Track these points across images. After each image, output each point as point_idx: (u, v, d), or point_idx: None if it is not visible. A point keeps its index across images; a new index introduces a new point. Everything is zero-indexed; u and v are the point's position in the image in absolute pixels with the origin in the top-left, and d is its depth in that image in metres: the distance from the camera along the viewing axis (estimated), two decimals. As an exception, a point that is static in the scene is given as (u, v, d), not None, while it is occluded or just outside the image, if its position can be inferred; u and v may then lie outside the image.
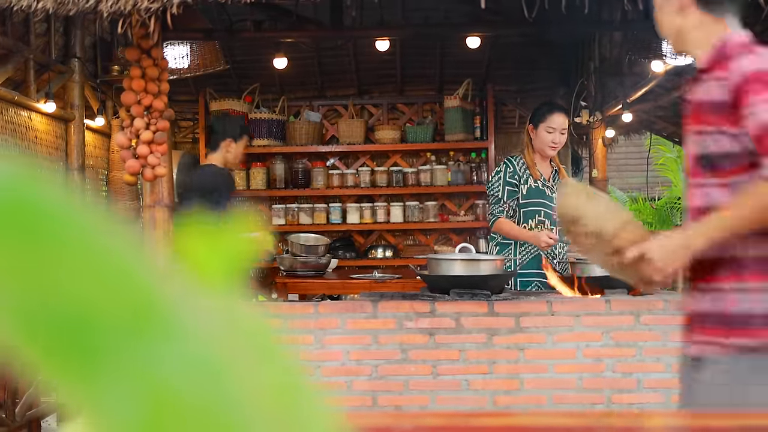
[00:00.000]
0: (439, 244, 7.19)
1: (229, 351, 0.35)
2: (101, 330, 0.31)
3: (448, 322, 3.73)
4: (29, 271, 0.30)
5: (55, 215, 0.31)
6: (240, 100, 6.89)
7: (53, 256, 0.31)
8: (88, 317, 0.31)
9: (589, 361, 3.72)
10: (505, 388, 3.72)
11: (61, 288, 0.30)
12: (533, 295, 3.97)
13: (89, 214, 0.32)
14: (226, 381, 0.33)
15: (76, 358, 0.30)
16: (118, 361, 0.31)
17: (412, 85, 7.40)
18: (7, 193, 0.31)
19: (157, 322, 0.32)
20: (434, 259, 3.98)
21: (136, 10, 3.15)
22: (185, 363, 0.32)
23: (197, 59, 5.50)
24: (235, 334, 0.36)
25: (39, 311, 0.30)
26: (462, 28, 5.03)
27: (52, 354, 0.30)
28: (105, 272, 0.32)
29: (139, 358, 0.31)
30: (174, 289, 0.35)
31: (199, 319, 0.34)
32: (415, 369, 3.73)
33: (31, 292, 0.30)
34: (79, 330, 0.30)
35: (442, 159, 7.11)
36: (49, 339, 0.30)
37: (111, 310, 0.31)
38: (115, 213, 0.40)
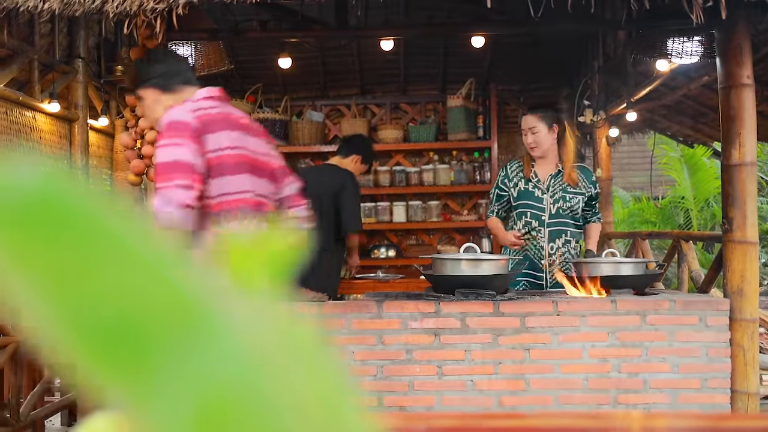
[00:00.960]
0: (442, 243, 7.19)
1: (274, 352, 0.34)
2: (151, 331, 0.30)
3: (453, 323, 3.72)
4: (76, 273, 0.30)
5: (97, 217, 0.31)
6: (243, 100, 6.89)
7: (98, 257, 0.30)
8: (137, 318, 0.30)
9: (595, 361, 3.71)
10: (511, 389, 3.71)
11: (110, 290, 0.30)
12: (538, 295, 3.97)
13: (129, 215, 0.32)
14: (273, 382, 0.33)
15: (125, 360, 0.30)
16: (169, 362, 0.30)
17: (415, 84, 7.39)
18: (49, 195, 0.30)
19: (205, 323, 0.32)
20: (439, 259, 3.97)
21: (141, 11, 3.14)
22: (234, 364, 0.32)
23: (201, 59, 5.50)
24: (278, 335, 0.36)
25: (89, 313, 0.30)
26: (466, 28, 5.03)
27: (102, 356, 0.30)
28: (151, 274, 0.31)
29: (189, 359, 0.31)
30: (218, 289, 0.35)
31: (244, 319, 0.34)
32: (420, 369, 3.73)
33: (81, 294, 0.30)
34: (129, 331, 0.30)
35: (445, 158, 7.11)
36: (99, 341, 0.30)
37: (159, 311, 0.31)
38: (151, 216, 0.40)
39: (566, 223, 4.33)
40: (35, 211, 0.30)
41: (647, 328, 3.72)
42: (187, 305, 0.32)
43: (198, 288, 0.33)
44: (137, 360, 0.30)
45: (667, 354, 3.71)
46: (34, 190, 0.30)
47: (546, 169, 4.39)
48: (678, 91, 5.91)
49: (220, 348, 0.31)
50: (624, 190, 12.14)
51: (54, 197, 0.30)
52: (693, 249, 4.96)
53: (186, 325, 0.31)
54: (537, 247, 4.34)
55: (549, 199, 4.33)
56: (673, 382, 3.70)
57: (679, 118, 7.18)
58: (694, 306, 3.75)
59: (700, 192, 10.57)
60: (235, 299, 0.35)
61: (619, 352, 3.71)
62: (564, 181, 4.34)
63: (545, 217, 4.32)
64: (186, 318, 0.32)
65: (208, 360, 0.31)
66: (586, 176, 4.39)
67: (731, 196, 3.87)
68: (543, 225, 4.33)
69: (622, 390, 3.71)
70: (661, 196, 11.38)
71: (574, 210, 4.33)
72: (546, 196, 4.33)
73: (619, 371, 3.71)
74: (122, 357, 0.30)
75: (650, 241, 6.26)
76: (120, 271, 0.31)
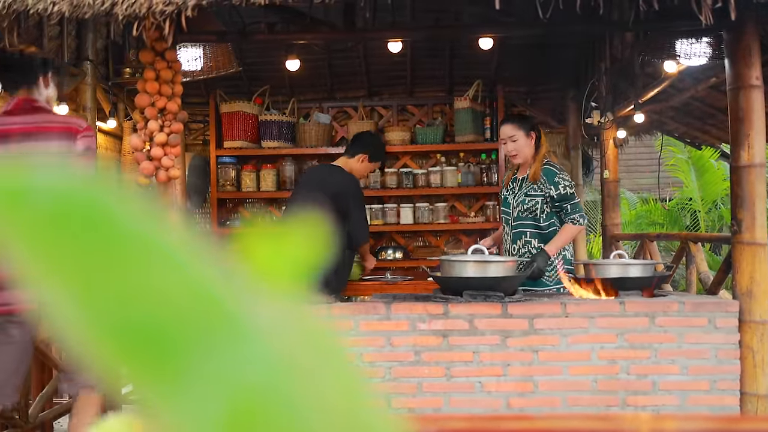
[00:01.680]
0: (450, 245, 7.18)
1: (300, 353, 0.35)
2: (179, 332, 0.31)
3: (462, 324, 3.72)
4: (104, 273, 0.30)
5: (125, 217, 0.31)
6: (250, 102, 6.90)
7: (126, 257, 0.30)
8: (165, 319, 0.30)
9: (604, 363, 3.71)
10: (519, 391, 3.71)
11: (138, 290, 0.30)
12: (547, 297, 3.97)
13: (155, 215, 0.32)
14: (299, 384, 0.33)
15: (153, 361, 0.30)
16: (197, 363, 0.30)
17: (422, 86, 7.39)
18: (78, 196, 0.31)
19: (233, 324, 0.32)
20: (447, 261, 3.97)
21: (150, 13, 3.15)
22: (262, 366, 0.32)
23: (210, 61, 5.51)
24: (303, 336, 0.36)
25: (117, 313, 0.30)
26: (474, 29, 5.03)
27: (130, 356, 0.30)
28: (179, 274, 0.31)
29: (216, 361, 0.31)
30: (244, 289, 0.35)
31: (270, 320, 0.34)
32: (428, 371, 3.73)
33: (109, 294, 0.30)
34: (157, 332, 0.30)
35: (452, 160, 7.10)
36: (127, 341, 0.30)
37: (187, 312, 0.31)
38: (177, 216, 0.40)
39: (526, 224, 4.44)
40: (64, 212, 0.30)
41: (656, 329, 3.71)
42: (214, 305, 0.32)
43: (224, 288, 0.33)
44: (165, 361, 0.30)
45: (676, 356, 3.71)
46: (63, 191, 0.31)
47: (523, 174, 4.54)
48: (686, 93, 5.90)
49: (247, 349, 0.32)
50: (631, 191, 12.12)
51: (82, 197, 0.31)
52: (701, 251, 4.95)
53: (213, 326, 0.32)
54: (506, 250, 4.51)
55: (513, 203, 4.50)
56: (682, 384, 3.70)
57: (686, 120, 7.16)
58: (704, 308, 3.74)
59: (707, 194, 10.55)
60: (261, 299, 0.35)
61: (627, 353, 3.71)
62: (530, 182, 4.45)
63: (511, 220, 4.50)
64: (213, 318, 0.32)
65: (236, 361, 0.31)
66: (548, 177, 4.37)
67: (740, 198, 3.86)
68: (510, 228, 4.51)
69: (631, 392, 3.70)
70: (668, 197, 11.36)
71: (531, 212, 4.42)
72: (511, 199, 4.53)
73: (628, 373, 3.71)
74: (150, 358, 0.30)
75: (657, 243, 6.25)
76: (148, 272, 0.31)
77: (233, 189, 6.96)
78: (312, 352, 0.36)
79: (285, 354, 0.34)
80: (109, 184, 0.32)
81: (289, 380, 0.33)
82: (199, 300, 0.32)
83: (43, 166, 0.32)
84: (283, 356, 0.34)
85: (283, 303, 0.37)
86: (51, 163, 0.32)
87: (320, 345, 0.37)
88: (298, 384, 0.34)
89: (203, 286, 0.33)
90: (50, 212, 0.30)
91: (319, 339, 0.37)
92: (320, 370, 0.36)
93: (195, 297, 0.32)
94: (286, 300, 0.37)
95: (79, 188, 0.31)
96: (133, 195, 0.32)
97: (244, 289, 0.35)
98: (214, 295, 0.33)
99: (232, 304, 0.33)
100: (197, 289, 0.32)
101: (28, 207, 0.31)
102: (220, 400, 0.31)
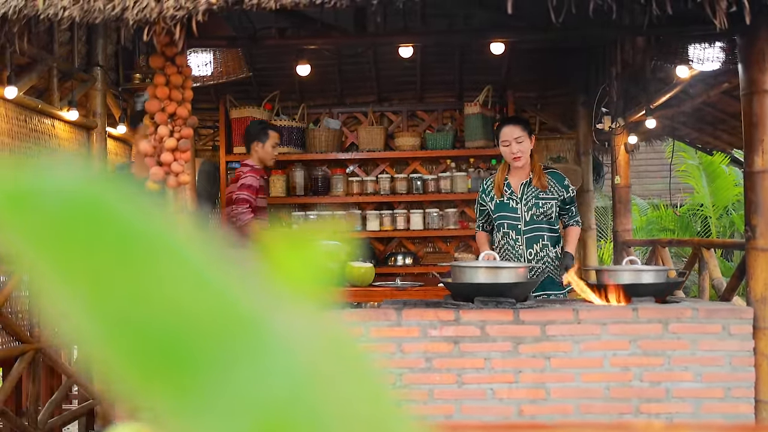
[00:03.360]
0: (459, 251, 7.16)
1: (326, 364, 0.33)
2: (200, 342, 0.28)
3: (473, 331, 3.69)
4: (119, 280, 0.28)
5: (141, 221, 0.29)
6: (260, 107, 6.90)
7: (143, 263, 0.28)
8: (185, 328, 0.28)
9: (617, 370, 3.67)
10: (531, 397, 3.68)
11: (155, 298, 0.28)
12: (559, 303, 3.94)
13: (174, 220, 0.30)
14: (326, 397, 0.31)
15: (172, 373, 0.28)
16: (219, 375, 0.28)
17: (432, 92, 7.37)
18: (92, 198, 0.28)
19: (256, 334, 0.30)
20: (458, 267, 3.95)
21: (161, 18, 3.14)
22: (288, 378, 0.30)
23: (220, 67, 5.50)
24: (327, 345, 0.34)
25: (133, 322, 0.28)
26: (486, 34, 5.01)
27: (148, 368, 0.28)
28: (199, 281, 0.29)
29: (240, 373, 0.29)
30: (267, 297, 0.33)
31: (295, 329, 0.33)
32: (439, 378, 3.70)
33: (124, 302, 0.28)
34: (176, 342, 0.28)
35: (462, 166, 7.09)
36: (143, 352, 0.28)
37: (208, 320, 0.29)
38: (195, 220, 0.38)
39: (541, 228, 4.42)
40: (76, 215, 0.28)
41: (669, 336, 3.68)
42: (235, 313, 0.30)
43: (245, 295, 0.31)
44: (182, 373, 0.28)
45: (690, 363, 3.67)
46: (75, 193, 0.28)
47: (519, 179, 4.52)
48: (697, 98, 5.86)
49: (272, 360, 0.29)
50: (641, 198, 12.08)
51: (96, 200, 0.29)
52: (714, 257, 4.92)
53: (235, 335, 0.29)
54: (516, 256, 4.42)
55: (523, 208, 4.43)
56: (696, 391, 3.66)
57: (698, 126, 7.13)
58: (717, 314, 3.71)
59: (718, 199, 10.49)
60: (284, 307, 0.34)
61: (640, 360, 3.67)
62: (535, 187, 4.43)
63: (521, 225, 4.43)
64: (235, 327, 0.30)
65: (260, 374, 0.29)
66: (558, 180, 4.44)
67: (754, 204, 3.82)
68: (520, 234, 4.43)
69: (644, 399, 3.67)
70: (679, 203, 11.31)
71: (547, 215, 4.41)
72: (520, 205, 4.44)
73: (641, 380, 3.67)
74: (166, 369, 0.28)
75: (668, 249, 6.21)
76: (166, 278, 0.29)
77: (243, 195, 6.95)
78: (337, 361, 0.34)
79: (310, 365, 0.32)
80: (121, 185, 0.30)
81: (315, 394, 0.31)
82: (219, 307, 0.30)
83: (50, 167, 0.30)
84: (308, 368, 0.32)
85: (306, 310, 0.35)
86: (58, 164, 0.30)
87: (345, 354, 0.35)
88: (324, 397, 0.32)
89: (223, 293, 0.30)
90: (58, 214, 0.28)
91: (343, 348, 0.36)
92: (346, 381, 0.34)
93: (215, 304, 0.30)
94: (309, 307, 0.35)
95: (89, 188, 0.29)
96: (146, 196, 0.30)
97: (265, 295, 0.33)
98: (235, 303, 0.31)
99: (254, 311, 0.31)
100: (217, 296, 0.30)
101: (35, 209, 0.28)
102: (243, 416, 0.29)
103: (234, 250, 0.35)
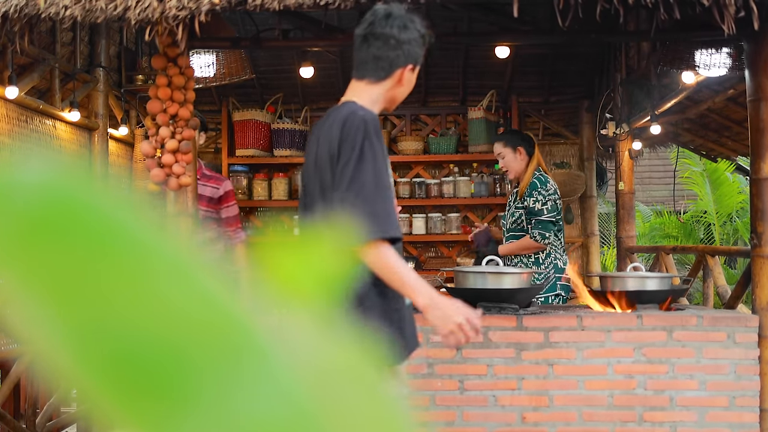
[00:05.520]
0: (462, 256, 7.12)
1: (328, 382, 0.29)
2: (186, 359, 0.25)
3: (476, 337, 3.65)
4: (92, 287, 0.24)
5: (119, 222, 0.25)
6: (263, 110, 6.87)
7: (119, 268, 0.25)
8: (168, 342, 0.25)
9: (620, 377, 3.64)
10: (534, 405, 3.64)
11: (135, 308, 0.25)
12: (562, 310, 3.90)
13: (158, 221, 0.27)
14: (328, 419, 0.28)
15: (152, 396, 0.24)
16: (208, 397, 0.25)
17: (436, 96, 7.34)
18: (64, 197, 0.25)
19: (250, 350, 0.27)
20: (461, 272, 3.91)
21: (163, 18, 3.11)
22: (288, 402, 0.27)
23: (222, 68, 5.48)
24: (330, 361, 0.31)
25: (108, 336, 0.24)
26: (491, 37, 4.98)
27: (125, 390, 0.24)
28: (186, 289, 0.26)
29: (233, 394, 0.25)
30: (264, 308, 0.29)
31: (295, 344, 0.29)
32: (441, 384, 3.67)
33: (99, 313, 0.24)
34: (158, 359, 0.25)
35: (466, 170, 7.06)
36: (120, 370, 0.24)
37: (196, 333, 0.25)
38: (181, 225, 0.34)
39: (516, 236, 4.53)
40: (44, 215, 0.24)
41: (674, 344, 3.64)
42: (227, 327, 0.26)
43: (240, 306, 0.28)
44: (165, 397, 0.24)
45: (695, 371, 3.63)
46: (44, 192, 0.25)
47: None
48: (702, 105, 5.83)
49: (271, 381, 0.26)
50: (644, 204, 12.03)
51: (69, 199, 0.25)
52: (719, 264, 4.88)
53: (226, 353, 0.26)
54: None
55: (509, 218, 4.61)
56: (700, 399, 3.62)
57: (702, 132, 7.09)
58: (722, 322, 3.67)
59: (722, 206, 10.45)
60: (284, 319, 0.30)
61: (645, 368, 3.64)
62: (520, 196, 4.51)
63: (505, 233, 4.63)
64: (226, 344, 0.26)
65: (257, 396, 0.26)
66: (529, 188, 4.42)
67: (760, 211, 3.79)
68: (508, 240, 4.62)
69: (648, 407, 3.63)
70: (682, 210, 11.27)
71: (518, 223, 4.52)
72: (507, 214, 4.65)
73: (645, 388, 3.63)
74: (145, 393, 0.24)
75: (671, 256, 6.17)
76: (147, 286, 0.25)
77: (245, 197, 6.93)
78: (341, 379, 0.31)
79: (312, 385, 0.28)
80: (102, 185, 0.26)
81: (317, 417, 0.28)
82: (210, 320, 0.26)
83: (23, 165, 0.27)
84: (310, 388, 0.28)
85: (307, 322, 0.31)
86: (32, 162, 0.26)
87: (351, 373, 0.32)
88: (327, 419, 0.28)
89: (214, 303, 0.27)
90: (29, 214, 0.25)
91: (347, 363, 0.32)
92: (349, 399, 0.30)
93: (204, 316, 0.26)
94: (311, 319, 0.32)
95: (66, 187, 0.25)
96: (129, 197, 0.27)
97: (262, 307, 0.30)
98: (228, 315, 0.27)
99: (248, 325, 0.27)
100: (207, 307, 0.27)
101: (3, 209, 0.25)
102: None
103: (225, 258, 0.31)
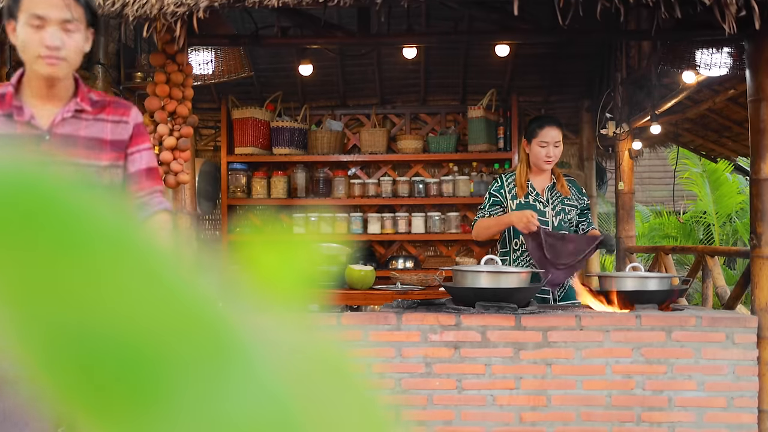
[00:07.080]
0: (461, 255, 7.12)
1: (310, 381, 0.28)
2: (161, 360, 0.24)
3: (474, 336, 3.65)
4: (56, 284, 0.23)
5: (85, 213, 0.24)
6: (262, 108, 6.87)
7: (86, 263, 0.24)
8: (141, 343, 0.24)
9: (619, 377, 3.63)
10: (532, 404, 3.63)
11: (103, 307, 0.23)
12: (561, 309, 3.89)
13: (125, 214, 0.26)
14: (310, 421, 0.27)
15: (124, 400, 0.23)
16: (184, 402, 0.24)
17: (436, 94, 7.34)
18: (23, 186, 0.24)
19: (230, 350, 0.25)
20: (460, 271, 3.90)
21: (162, 15, 3.10)
22: (270, 404, 0.25)
23: (221, 65, 5.47)
24: (311, 358, 0.30)
25: (75, 337, 0.23)
26: (491, 36, 4.96)
27: (89, 393, 0.23)
28: (158, 286, 0.25)
29: (211, 397, 0.24)
30: (242, 305, 0.28)
31: (274, 342, 0.28)
32: (439, 383, 3.65)
33: (63, 312, 0.23)
34: (130, 360, 0.23)
35: (465, 170, 7.05)
36: (87, 373, 0.23)
37: (171, 333, 0.24)
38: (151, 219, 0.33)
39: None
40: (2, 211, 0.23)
41: (672, 344, 3.63)
42: (206, 325, 0.25)
43: (218, 303, 0.27)
44: (140, 400, 0.23)
45: (693, 371, 3.62)
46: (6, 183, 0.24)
47: (542, 182, 4.27)
48: (702, 105, 5.82)
49: (250, 383, 0.25)
50: (643, 204, 12.03)
51: (31, 189, 0.24)
52: (718, 264, 4.87)
53: (200, 350, 0.25)
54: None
55: (551, 212, 4.22)
56: (699, 400, 3.61)
57: (702, 132, 7.08)
58: (721, 323, 3.66)
59: (722, 207, 10.44)
60: (263, 315, 0.29)
61: (643, 368, 3.62)
62: (558, 192, 4.25)
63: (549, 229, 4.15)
64: (200, 341, 0.25)
65: (237, 398, 0.24)
66: (577, 188, 4.31)
67: (760, 211, 3.78)
68: None
69: (647, 408, 3.62)
70: (682, 210, 11.26)
71: (571, 222, 4.24)
72: (548, 209, 4.23)
73: (644, 388, 3.62)
74: (121, 396, 0.23)
75: (671, 256, 6.17)
76: (118, 283, 0.24)
77: (244, 196, 6.92)
78: (322, 379, 0.30)
79: (293, 385, 0.27)
80: (65, 176, 0.25)
81: (297, 417, 0.27)
82: (181, 317, 0.25)
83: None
84: (292, 388, 0.27)
85: (286, 319, 0.30)
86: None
87: (330, 370, 0.31)
88: (309, 421, 0.27)
89: (186, 300, 0.26)
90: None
91: (329, 363, 0.31)
92: (331, 403, 0.29)
93: (175, 313, 0.25)
94: (290, 315, 0.31)
95: (26, 176, 0.24)
96: (95, 189, 0.25)
97: (238, 303, 0.29)
98: (201, 312, 0.26)
99: (228, 321, 0.26)
100: (178, 304, 0.25)
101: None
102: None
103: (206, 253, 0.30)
